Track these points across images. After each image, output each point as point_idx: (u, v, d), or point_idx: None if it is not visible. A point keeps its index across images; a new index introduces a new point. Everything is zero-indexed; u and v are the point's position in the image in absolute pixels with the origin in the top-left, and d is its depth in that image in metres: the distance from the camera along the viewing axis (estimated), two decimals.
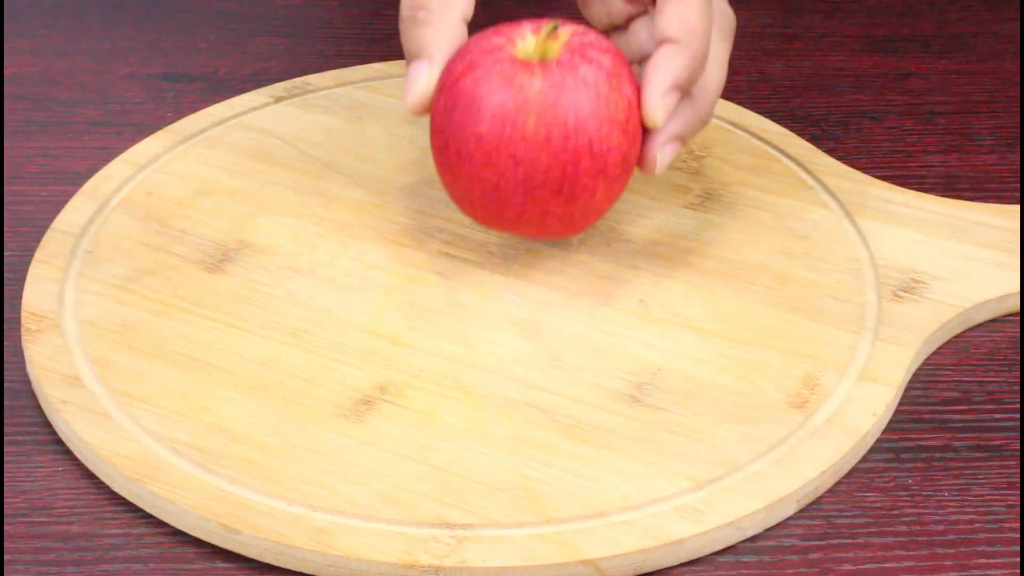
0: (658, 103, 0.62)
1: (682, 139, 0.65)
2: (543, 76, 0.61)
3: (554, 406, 0.61)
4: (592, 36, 0.63)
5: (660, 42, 0.63)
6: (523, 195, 0.62)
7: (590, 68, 0.62)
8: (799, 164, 0.74)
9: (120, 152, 0.74)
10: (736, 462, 0.59)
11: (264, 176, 0.73)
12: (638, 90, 0.63)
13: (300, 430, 0.60)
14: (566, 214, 0.63)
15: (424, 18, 0.63)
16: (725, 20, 0.66)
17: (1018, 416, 0.63)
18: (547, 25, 0.63)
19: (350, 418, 0.61)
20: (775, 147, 0.75)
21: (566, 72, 0.61)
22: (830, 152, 0.76)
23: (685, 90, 0.63)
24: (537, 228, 0.64)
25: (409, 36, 0.64)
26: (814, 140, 0.77)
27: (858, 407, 0.62)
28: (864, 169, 0.74)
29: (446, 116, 0.62)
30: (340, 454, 0.59)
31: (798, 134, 0.76)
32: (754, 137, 0.76)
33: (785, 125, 0.77)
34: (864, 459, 0.61)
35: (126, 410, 0.61)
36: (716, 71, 0.65)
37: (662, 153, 0.64)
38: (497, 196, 0.63)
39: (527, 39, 0.63)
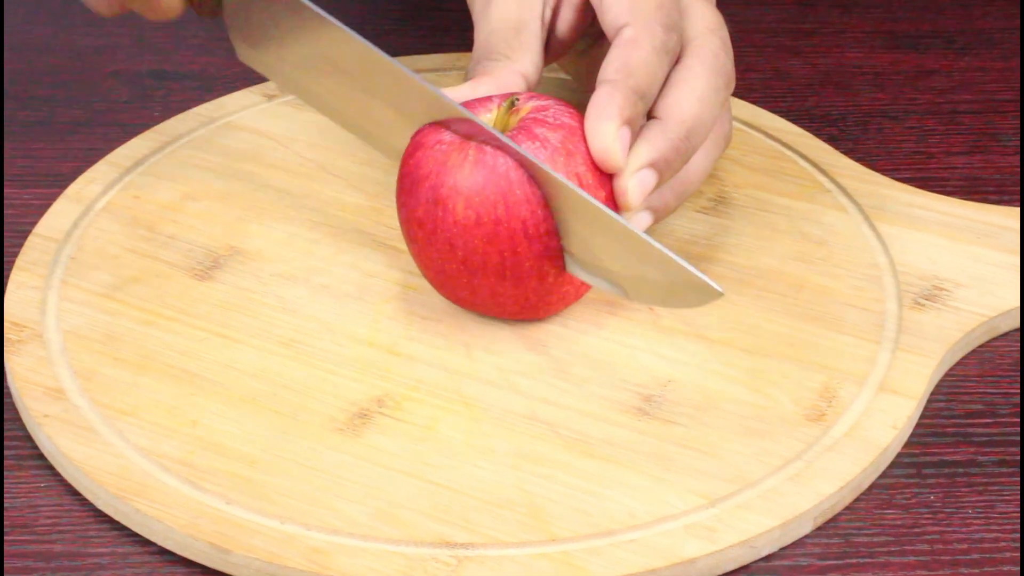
0: (613, 142, 0.61)
1: (655, 212, 0.64)
2: (475, 159, 0.61)
3: (559, 420, 0.61)
4: (552, 109, 0.62)
5: (599, 84, 0.62)
6: (468, 277, 0.62)
7: (530, 148, 0.61)
8: (816, 166, 0.74)
9: (105, 153, 0.74)
10: (750, 478, 0.59)
11: (256, 179, 0.73)
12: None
13: (293, 445, 0.60)
14: (520, 296, 0.63)
15: (483, 69, 0.65)
16: (721, 132, 0.67)
17: None
18: (507, 99, 0.62)
19: (346, 432, 0.61)
20: (791, 148, 0.75)
21: (499, 153, 0.61)
22: (848, 153, 0.76)
23: (633, 127, 0.62)
24: (495, 309, 0.64)
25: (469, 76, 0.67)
26: (832, 141, 0.77)
27: (878, 420, 0.61)
28: (884, 171, 0.75)
29: (398, 196, 0.63)
30: (335, 470, 0.59)
31: (815, 134, 0.77)
32: (769, 138, 0.76)
33: (801, 125, 0.77)
34: (884, 475, 0.61)
35: (111, 424, 0.61)
36: (701, 161, 0.65)
37: (632, 183, 0.62)
38: (446, 278, 0.63)
39: (493, 112, 0.63)
